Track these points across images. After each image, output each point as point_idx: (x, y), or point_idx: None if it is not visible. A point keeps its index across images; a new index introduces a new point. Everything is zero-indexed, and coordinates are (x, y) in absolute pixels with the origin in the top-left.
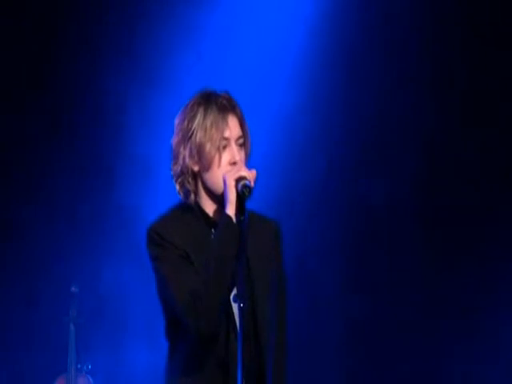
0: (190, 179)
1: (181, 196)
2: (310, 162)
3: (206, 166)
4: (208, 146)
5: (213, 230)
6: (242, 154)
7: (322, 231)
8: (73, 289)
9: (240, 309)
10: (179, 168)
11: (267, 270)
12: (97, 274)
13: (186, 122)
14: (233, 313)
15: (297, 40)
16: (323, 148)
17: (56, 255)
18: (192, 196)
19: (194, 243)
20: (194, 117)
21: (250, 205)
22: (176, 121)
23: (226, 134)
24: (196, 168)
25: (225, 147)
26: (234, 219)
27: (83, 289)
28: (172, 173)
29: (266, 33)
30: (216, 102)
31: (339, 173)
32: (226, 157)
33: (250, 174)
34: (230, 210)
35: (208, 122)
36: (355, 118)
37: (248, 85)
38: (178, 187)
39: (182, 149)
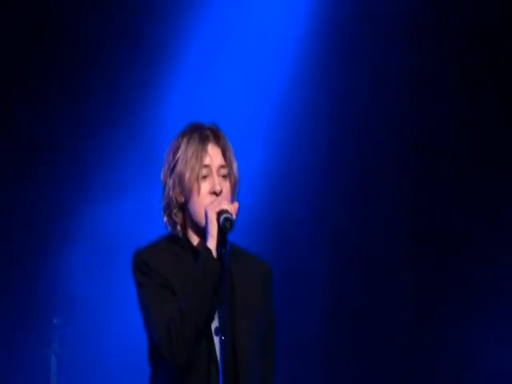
0: (175, 211)
1: (169, 228)
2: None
3: (188, 195)
4: (187, 175)
5: None
6: (226, 184)
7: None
8: (55, 320)
9: (221, 341)
10: (166, 200)
11: (252, 308)
12: (81, 302)
13: (171, 154)
14: (214, 345)
15: (292, 44)
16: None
17: (39, 283)
18: (178, 228)
19: (178, 273)
20: (177, 148)
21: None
22: (165, 154)
23: (206, 161)
24: (181, 199)
25: (205, 177)
26: (215, 252)
27: (65, 320)
28: (161, 205)
29: (261, 35)
30: (199, 132)
31: (325, 200)
32: (205, 186)
33: (232, 207)
34: (211, 243)
35: (189, 152)
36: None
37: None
38: (165, 219)
39: (167, 180)
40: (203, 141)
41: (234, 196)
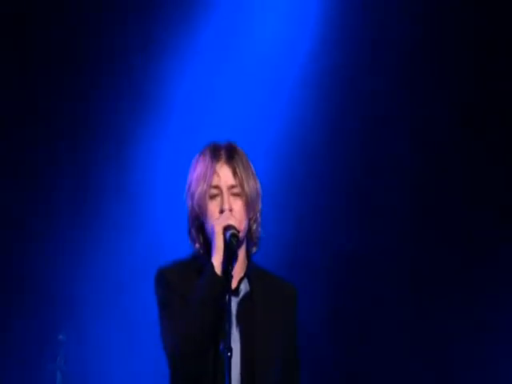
0: (194, 230)
1: (192, 246)
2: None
3: (201, 215)
4: (197, 195)
5: None
6: (238, 203)
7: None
8: (60, 337)
9: (227, 358)
10: (187, 220)
11: (274, 329)
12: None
13: (189, 175)
14: (223, 364)
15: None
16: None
17: (44, 300)
18: (197, 246)
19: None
20: (193, 169)
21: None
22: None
23: (215, 181)
24: (199, 219)
25: (215, 196)
26: (221, 267)
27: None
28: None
29: (269, 39)
30: (211, 152)
31: (319, 222)
32: (215, 205)
33: (239, 224)
34: (217, 258)
35: (199, 172)
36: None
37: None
38: (189, 238)
39: (187, 201)
40: (213, 160)
41: (254, 216)
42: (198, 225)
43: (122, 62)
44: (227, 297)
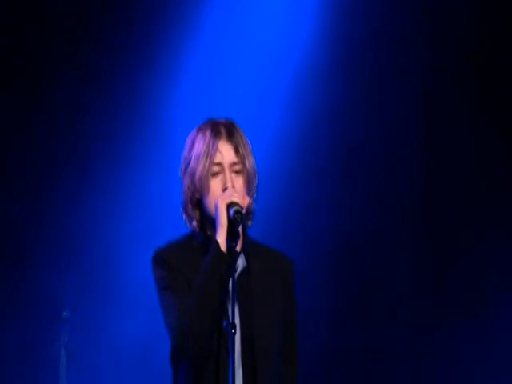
0: (191, 207)
1: (187, 224)
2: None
3: (201, 192)
4: (199, 172)
5: None
6: (239, 180)
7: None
8: (64, 314)
9: (231, 335)
10: (183, 197)
11: (272, 303)
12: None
13: (186, 151)
14: (226, 340)
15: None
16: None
17: (48, 278)
18: (194, 223)
19: (194, 270)
20: (191, 145)
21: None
22: (183, 150)
23: (217, 159)
24: (196, 196)
25: (217, 173)
26: (225, 245)
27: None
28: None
29: (267, 35)
30: (212, 129)
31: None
32: (217, 183)
33: (243, 201)
34: (221, 235)
35: (200, 149)
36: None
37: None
38: (184, 215)
39: (184, 178)
40: (215, 137)
41: (251, 192)
42: (195, 202)
43: (121, 62)
44: (232, 274)
